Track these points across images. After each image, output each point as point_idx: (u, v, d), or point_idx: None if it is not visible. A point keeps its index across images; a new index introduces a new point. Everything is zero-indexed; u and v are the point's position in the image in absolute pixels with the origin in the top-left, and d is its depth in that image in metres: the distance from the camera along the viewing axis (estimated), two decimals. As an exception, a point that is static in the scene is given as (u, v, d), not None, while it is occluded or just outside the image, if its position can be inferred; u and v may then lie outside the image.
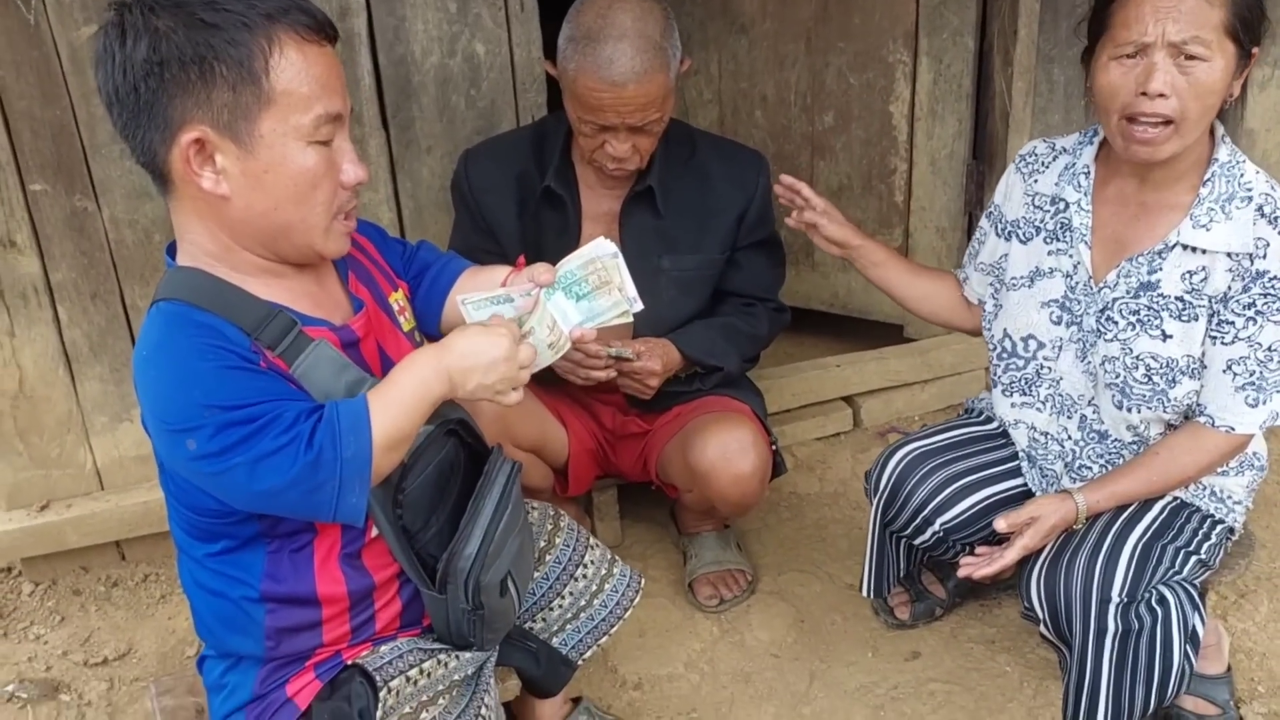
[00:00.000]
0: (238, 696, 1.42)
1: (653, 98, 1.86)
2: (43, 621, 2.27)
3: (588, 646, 1.76)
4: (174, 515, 1.38)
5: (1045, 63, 2.73)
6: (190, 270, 1.28)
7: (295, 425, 1.19)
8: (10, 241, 2.11)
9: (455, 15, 2.26)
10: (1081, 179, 1.78)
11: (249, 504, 1.24)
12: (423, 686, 1.41)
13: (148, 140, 1.22)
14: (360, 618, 1.42)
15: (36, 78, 2.04)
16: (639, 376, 2.01)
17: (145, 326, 1.27)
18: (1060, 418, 1.85)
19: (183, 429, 1.18)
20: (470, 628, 1.44)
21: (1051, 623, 1.73)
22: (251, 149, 1.21)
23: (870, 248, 1.98)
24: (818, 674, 2.09)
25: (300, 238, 1.29)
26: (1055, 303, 1.81)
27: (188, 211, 1.27)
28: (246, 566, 1.35)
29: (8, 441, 2.25)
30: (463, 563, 1.39)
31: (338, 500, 1.22)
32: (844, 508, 2.60)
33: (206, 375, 1.19)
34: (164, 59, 1.17)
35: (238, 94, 1.19)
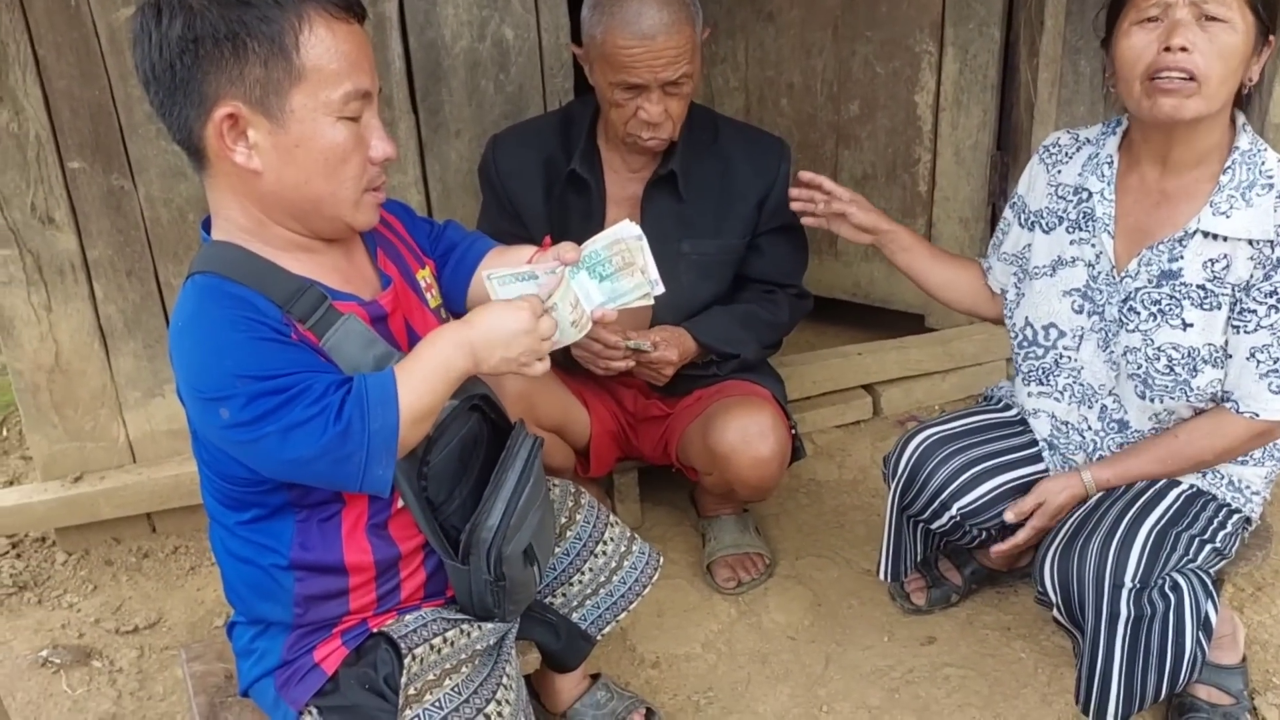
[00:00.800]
0: (266, 661, 1.46)
1: (682, 49, 1.89)
2: (75, 590, 2.33)
3: (606, 622, 1.78)
4: (206, 484, 1.42)
5: (1071, 54, 2.73)
6: (224, 244, 1.31)
7: (325, 397, 1.22)
8: (49, 218, 2.16)
9: (485, 0, 2.29)
10: (1105, 169, 1.79)
11: (279, 472, 1.28)
12: (446, 655, 1.45)
13: (183, 117, 1.25)
14: (386, 587, 1.46)
15: (76, 58, 2.08)
16: (655, 366, 2.04)
17: (180, 299, 1.31)
18: (1080, 407, 1.86)
19: (216, 398, 1.21)
20: (492, 598, 1.47)
21: (1064, 607, 1.74)
22: (283, 123, 1.24)
23: (899, 233, 2.00)
24: (833, 656, 2.11)
25: (330, 210, 1.31)
26: (1077, 292, 1.82)
27: (222, 188, 1.31)
28: (276, 535, 1.39)
29: (44, 414, 2.30)
30: (485, 534, 1.42)
31: (365, 471, 1.25)
32: (862, 495, 2.61)
33: (239, 346, 1.22)
34: (198, 35, 1.20)
35: (269, 69, 1.22)
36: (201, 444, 1.36)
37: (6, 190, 2.12)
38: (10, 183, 2.12)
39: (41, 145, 2.12)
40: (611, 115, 2.00)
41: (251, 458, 1.26)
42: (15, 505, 2.31)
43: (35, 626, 2.22)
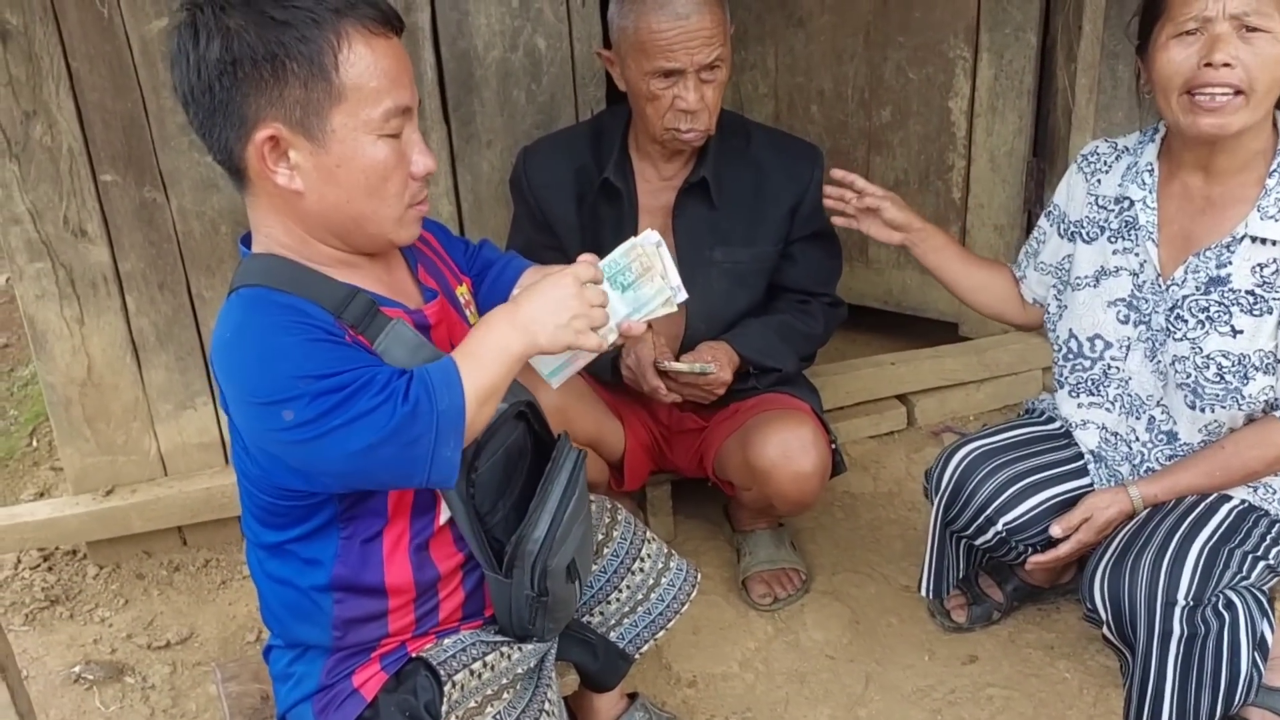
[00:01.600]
0: (304, 686, 1.43)
1: (716, 30, 1.89)
2: (107, 604, 2.32)
3: (644, 641, 1.76)
4: (247, 503, 1.40)
5: (1109, 59, 2.68)
6: (268, 257, 1.30)
7: (389, 385, 1.20)
8: (81, 231, 2.16)
9: (517, 10, 2.27)
10: (1145, 176, 1.76)
11: (342, 470, 1.23)
12: (487, 680, 1.42)
13: (223, 138, 1.24)
14: (425, 608, 1.44)
15: (109, 70, 2.08)
16: (709, 386, 2.01)
17: (224, 313, 1.29)
18: (1129, 418, 1.82)
19: (276, 400, 1.18)
20: (532, 615, 1.44)
21: (1115, 625, 1.70)
22: (324, 144, 1.23)
23: (931, 232, 1.98)
24: (873, 676, 2.08)
25: (373, 228, 1.30)
26: (1122, 302, 1.78)
27: (264, 207, 1.29)
28: (318, 554, 1.36)
29: (76, 427, 2.30)
30: (531, 546, 1.40)
31: (434, 454, 1.21)
32: (899, 508, 2.57)
33: (293, 348, 1.20)
34: (237, 58, 1.18)
35: (309, 90, 1.20)
36: (249, 458, 1.32)
37: (39, 203, 2.12)
38: (43, 196, 2.11)
39: (74, 158, 2.11)
40: (647, 111, 1.97)
41: (315, 458, 1.21)
42: (47, 519, 2.30)
43: (68, 642, 2.21)
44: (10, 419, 3.12)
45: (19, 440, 2.97)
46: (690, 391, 2.04)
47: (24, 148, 2.08)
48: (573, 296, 1.30)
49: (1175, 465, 1.76)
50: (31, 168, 2.09)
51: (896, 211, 1.94)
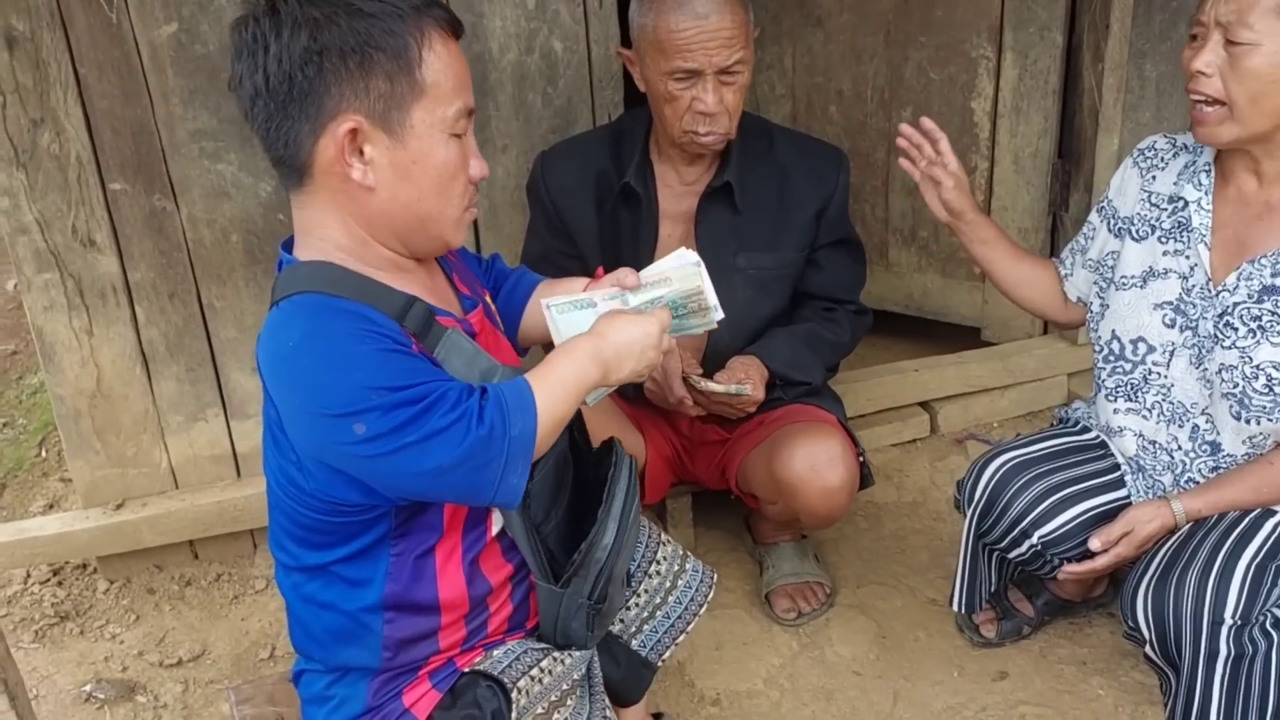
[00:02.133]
0: (348, 709, 1.38)
1: (736, 32, 1.84)
2: (118, 620, 2.27)
3: (666, 647, 1.72)
4: (284, 524, 1.34)
5: (1137, 58, 2.63)
6: (323, 264, 1.26)
7: (461, 403, 1.17)
8: (90, 241, 2.11)
9: (533, 12, 2.22)
10: (1202, 177, 1.71)
11: (410, 486, 1.19)
12: (549, 685, 1.39)
13: (294, 131, 1.21)
14: (475, 622, 1.40)
15: (117, 77, 2.04)
16: (741, 405, 1.97)
17: (280, 320, 1.23)
18: (1170, 426, 1.77)
19: (349, 413, 1.14)
20: (587, 622, 1.42)
21: (1159, 644, 1.65)
22: (402, 140, 1.22)
23: (982, 224, 1.93)
24: (902, 693, 2.02)
25: (435, 229, 1.29)
26: (1169, 305, 1.73)
27: (323, 205, 1.26)
28: (367, 574, 1.32)
29: (85, 440, 2.25)
30: (600, 553, 1.39)
31: (501, 479, 1.19)
32: (923, 518, 2.52)
33: (368, 358, 1.16)
34: (324, 47, 1.18)
35: (394, 84, 1.20)
36: (303, 471, 1.25)
37: (48, 213, 2.08)
38: (51, 205, 2.07)
39: (83, 166, 2.07)
40: (666, 112, 1.93)
41: (384, 473, 1.18)
42: (57, 533, 2.26)
43: (78, 659, 2.17)
44: (19, 428, 3.08)
45: (28, 450, 2.94)
46: (720, 409, 1.99)
47: (31, 156, 2.04)
48: (655, 346, 1.34)
49: (1220, 479, 1.71)
50: (39, 176, 2.05)
51: (956, 194, 1.88)
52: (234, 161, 2.14)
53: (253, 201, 2.18)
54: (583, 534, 1.43)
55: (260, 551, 2.43)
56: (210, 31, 2.05)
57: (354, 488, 1.22)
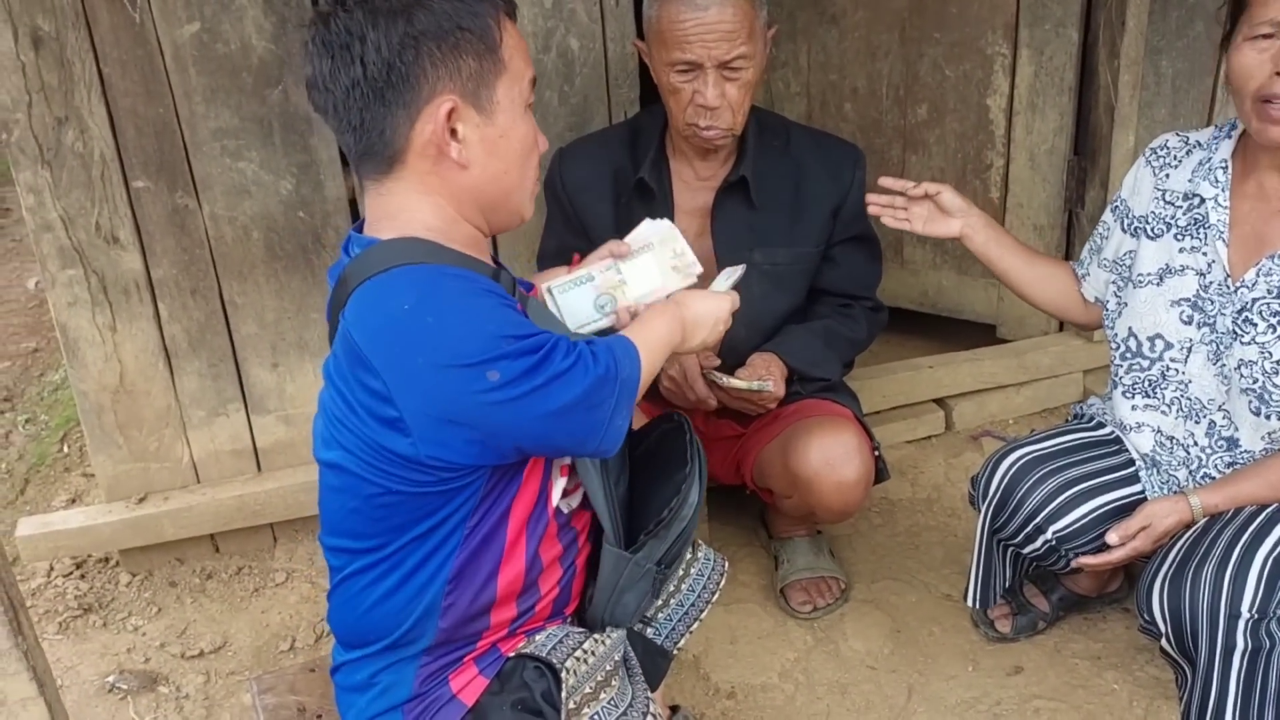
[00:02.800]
0: (392, 695, 1.39)
1: (738, 26, 1.83)
2: (140, 613, 2.30)
3: (680, 635, 1.72)
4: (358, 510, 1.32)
5: (1153, 54, 2.62)
6: (414, 239, 1.29)
7: (574, 349, 1.24)
8: (114, 238, 2.14)
9: (550, 10, 2.24)
10: (1219, 174, 1.70)
11: (532, 431, 1.23)
12: (593, 665, 1.41)
13: (391, 119, 1.25)
14: (526, 603, 1.42)
15: (141, 75, 2.06)
16: (762, 401, 1.98)
17: (384, 290, 1.24)
18: (1187, 422, 1.77)
19: (483, 361, 1.18)
20: (653, 588, 1.47)
21: (1174, 637, 1.65)
22: (491, 115, 1.28)
23: (989, 222, 1.93)
24: (916, 687, 2.03)
25: (515, 201, 1.35)
26: (1186, 302, 1.73)
27: (413, 188, 1.30)
28: (442, 546, 1.33)
29: (108, 435, 2.28)
30: (687, 510, 1.46)
31: (610, 421, 1.27)
32: (938, 514, 2.53)
33: (492, 309, 1.22)
34: (420, 32, 1.23)
35: (481, 63, 1.26)
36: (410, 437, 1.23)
37: (71, 210, 2.11)
38: (75, 202, 2.10)
39: (106, 164, 2.09)
40: (670, 105, 1.94)
41: (512, 419, 1.21)
42: (81, 527, 2.29)
43: (101, 650, 2.20)
44: (41, 424, 3.12)
45: (50, 445, 2.97)
46: (740, 405, 2.00)
47: (56, 154, 2.07)
48: (723, 322, 1.49)
49: (1237, 474, 1.71)
50: (63, 174, 2.08)
51: (953, 195, 1.88)
52: (255, 159, 2.17)
53: (273, 199, 2.20)
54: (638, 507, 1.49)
55: (280, 545, 2.46)
56: (232, 31, 2.08)
57: (470, 445, 1.24)
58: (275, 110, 2.15)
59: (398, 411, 1.22)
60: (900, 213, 1.90)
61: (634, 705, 1.42)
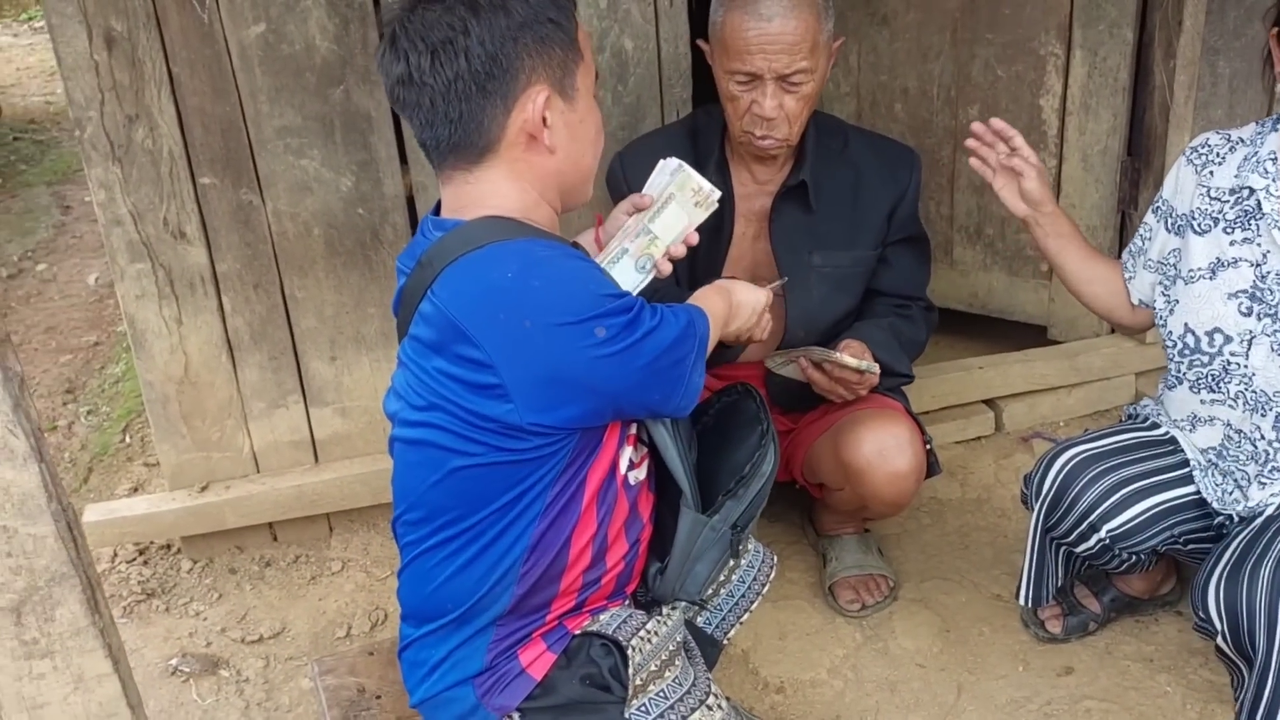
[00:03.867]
0: (464, 668, 1.42)
1: (799, 38, 1.84)
2: (201, 598, 2.36)
3: (730, 625, 1.75)
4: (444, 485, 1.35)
5: (1210, 54, 2.60)
6: (502, 218, 1.35)
7: (656, 309, 1.33)
8: (180, 233, 2.20)
9: (605, 11, 2.27)
10: (1268, 165, 1.70)
11: (631, 384, 1.31)
12: (657, 645, 1.45)
13: (490, 109, 1.31)
14: (593, 574, 1.45)
15: (208, 75, 2.12)
16: (864, 383, 1.95)
17: (481, 264, 1.29)
18: (1254, 415, 1.75)
19: (590, 317, 1.26)
20: (731, 545, 1.53)
21: (1231, 635, 1.64)
22: (574, 102, 1.36)
23: (1059, 217, 1.92)
24: (966, 686, 2.03)
25: (586, 184, 1.45)
26: (1244, 293, 1.72)
27: (502, 176, 1.36)
28: (523, 516, 1.36)
29: (173, 425, 2.35)
30: (766, 466, 1.53)
31: (690, 376, 1.36)
32: (987, 515, 2.52)
33: (590, 271, 1.33)
34: (521, 23, 1.29)
35: (566, 52, 1.34)
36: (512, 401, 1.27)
37: (141, 205, 2.17)
38: (145, 198, 2.16)
39: (174, 161, 2.16)
40: (728, 111, 1.96)
41: (619, 372, 1.29)
42: (144, 514, 2.36)
43: (164, 634, 2.26)
44: (103, 415, 3.20)
45: (112, 436, 3.05)
46: (837, 386, 1.96)
47: (126, 151, 2.13)
48: (760, 313, 1.60)
49: None
50: (133, 170, 2.14)
51: (1037, 184, 1.87)
52: (316, 157, 2.22)
53: (333, 196, 2.25)
54: (709, 473, 1.54)
55: (336, 534, 2.51)
56: (296, 32, 2.13)
57: (572, 405, 1.30)
58: (337, 109, 2.20)
59: (499, 379, 1.27)
60: (989, 163, 1.89)
61: (696, 684, 1.46)
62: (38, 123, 6.05)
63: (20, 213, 4.86)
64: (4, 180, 5.22)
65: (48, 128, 5.94)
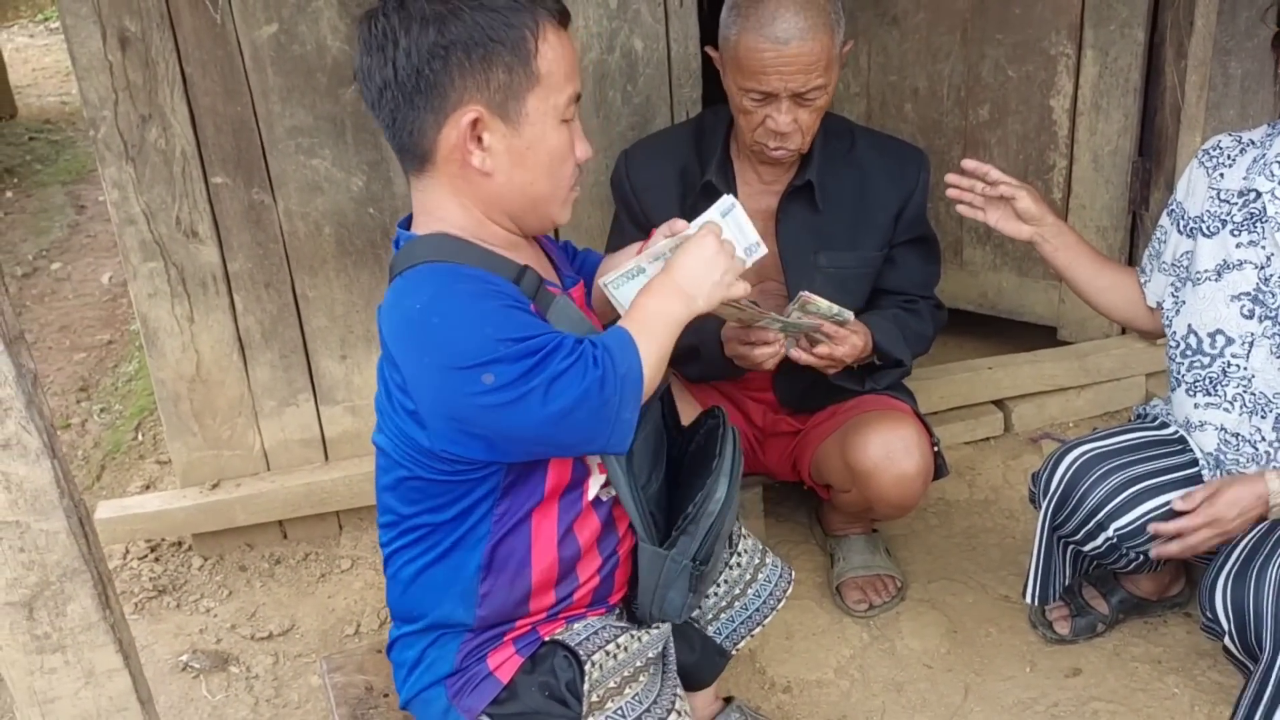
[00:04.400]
0: (437, 670, 1.45)
1: (815, 59, 1.84)
2: (211, 595, 2.38)
3: (740, 637, 1.76)
4: (395, 488, 1.40)
5: (1221, 55, 2.59)
6: (445, 236, 1.34)
7: (576, 348, 1.26)
8: (193, 232, 2.22)
9: (615, 11, 2.28)
10: (1275, 168, 1.70)
11: (533, 435, 1.26)
12: (623, 660, 1.45)
13: (419, 122, 1.29)
14: (565, 590, 1.46)
15: (221, 75, 2.14)
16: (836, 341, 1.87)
17: (405, 287, 1.31)
18: (1252, 418, 1.75)
19: (479, 364, 1.22)
20: (690, 584, 1.46)
21: (1238, 635, 1.64)
22: (518, 127, 1.30)
23: (1063, 229, 1.91)
24: (973, 687, 2.03)
25: (544, 208, 1.38)
26: (1246, 296, 1.72)
27: (443, 189, 1.34)
28: (471, 533, 1.39)
29: (184, 423, 2.36)
30: (713, 505, 1.44)
31: (617, 417, 1.26)
32: (995, 516, 2.52)
33: (494, 313, 1.25)
34: (450, 42, 1.25)
35: (512, 75, 1.28)
36: (426, 430, 1.30)
37: (153, 205, 2.19)
38: (157, 198, 2.18)
39: (187, 161, 2.17)
40: (740, 121, 1.96)
41: (510, 421, 1.24)
42: (156, 511, 2.38)
43: (175, 631, 2.28)
44: (115, 413, 3.23)
45: (125, 434, 3.07)
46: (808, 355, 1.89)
47: (140, 150, 2.15)
48: (717, 252, 1.38)
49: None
50: (146, 170, 2.16)
51: (1031, 202, 1.86)
52: (327, 157, 2.23)
53: (344, 196, 2.27)
54: (679, 504, 1.49)
55: (346, 532, 2.53)
56: (308, 32, 2.14)
57: (477, 442, 1.28)
58: (348, 109, 2.21)
59: (415, 405, 1.29)
60: (976, 203, 1.89)
61: (658, 703, 1.44)
62: (53, 123, 6.09)
63: (35, 212, 4.90)
64: (19, 180, 5.26)
65: (63, 128, 5.98)
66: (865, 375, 2.08)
